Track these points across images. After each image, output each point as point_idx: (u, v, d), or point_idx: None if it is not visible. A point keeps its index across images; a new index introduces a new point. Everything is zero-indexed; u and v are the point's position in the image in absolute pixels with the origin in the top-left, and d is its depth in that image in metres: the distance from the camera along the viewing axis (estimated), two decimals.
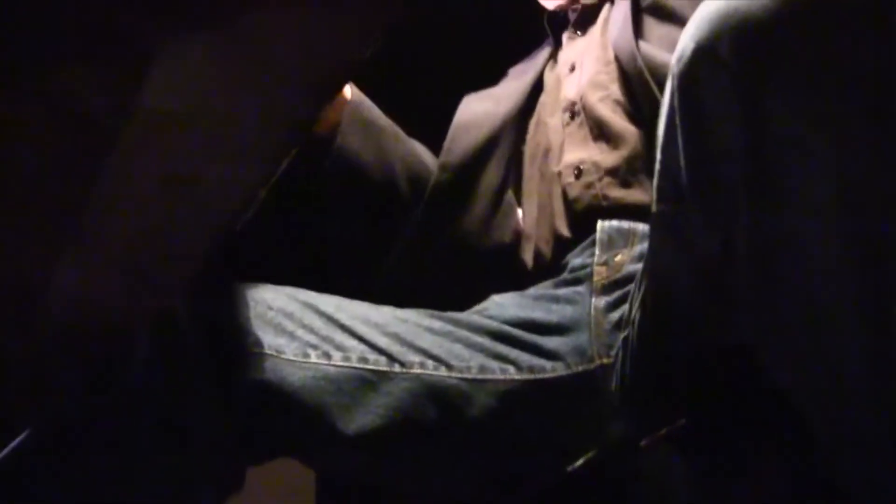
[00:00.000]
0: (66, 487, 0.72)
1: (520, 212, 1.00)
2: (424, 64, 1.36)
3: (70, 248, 0.61)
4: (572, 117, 0.97)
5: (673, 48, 0.86)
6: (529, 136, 1.04)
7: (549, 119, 1.02)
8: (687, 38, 0.57)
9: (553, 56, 1.10)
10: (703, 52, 0.55)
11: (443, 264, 0.98)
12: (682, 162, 0.60)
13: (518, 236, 0.98)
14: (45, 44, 0.52)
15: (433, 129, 1.08)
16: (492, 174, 1.00)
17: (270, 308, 0.81)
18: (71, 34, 0.52)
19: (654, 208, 0.66)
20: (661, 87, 0.83)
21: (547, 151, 1.00)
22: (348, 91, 1.01)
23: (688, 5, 0.90)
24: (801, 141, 0.52)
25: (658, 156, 0.64)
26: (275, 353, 0.78)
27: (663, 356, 0.72)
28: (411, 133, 1.08)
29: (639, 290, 0.74)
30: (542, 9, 1.17)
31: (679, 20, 0.90)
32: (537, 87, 1.08)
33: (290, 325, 0.80)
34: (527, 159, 1.03)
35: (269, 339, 0.78)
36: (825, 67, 0.50)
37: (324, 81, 0.63)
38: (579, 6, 1.07)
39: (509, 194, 1.00)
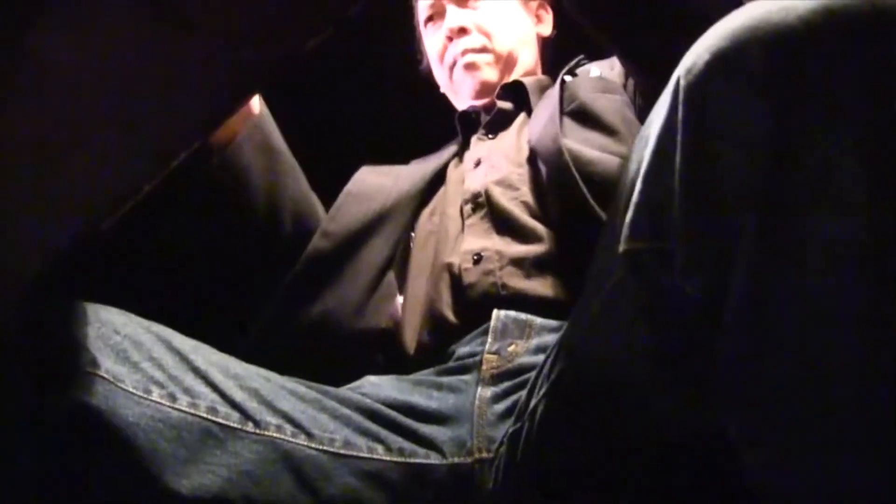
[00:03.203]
0: None
1: (399, 298, 0.94)
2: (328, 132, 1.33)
3: None
4: (475, 209, 0.93)
5: (596, 150, 0.86)
6: (421, 223, 0.99)
7: (449, 209, 0.98)
8: (700, 50, 0.49)
9: (459, 154, 1.08)
10: (724, 63, 0.47)
11: (310, 341, 0.89)
12: (678, 187, 0.51)
13: (394, 323, 0.91)
14: None
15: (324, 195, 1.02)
16: (375, 252, 0.93)
17: (117, 332, 0.69)
18: None
19: (621, 248, 0.56)
20: (587, 181, 0.82)
21: (441, 240, 0.95)
22: (256, 105, 0.94)
23: (611, 110, 0.91)
24: (836, 175, 0.45)
25: (638, 186, 0.55)
26: (111, 379, 0.65)
27: (580, 452, 0.63)
28: None
29: (546, 377, 0.67)
30: (453, 108, 1.16)
31: (603, 126, 0.90)
32: (439, 178, 1.04)
33: (135, 355, 0.68)
34: (416, 245, 0.97)
35: (109, 364, 0.66)
36: (864, 90, 0.45)
37: (255, 72, 0.57)
38: (495, 109, 1.07)
39: (390, 276, 0.93)
